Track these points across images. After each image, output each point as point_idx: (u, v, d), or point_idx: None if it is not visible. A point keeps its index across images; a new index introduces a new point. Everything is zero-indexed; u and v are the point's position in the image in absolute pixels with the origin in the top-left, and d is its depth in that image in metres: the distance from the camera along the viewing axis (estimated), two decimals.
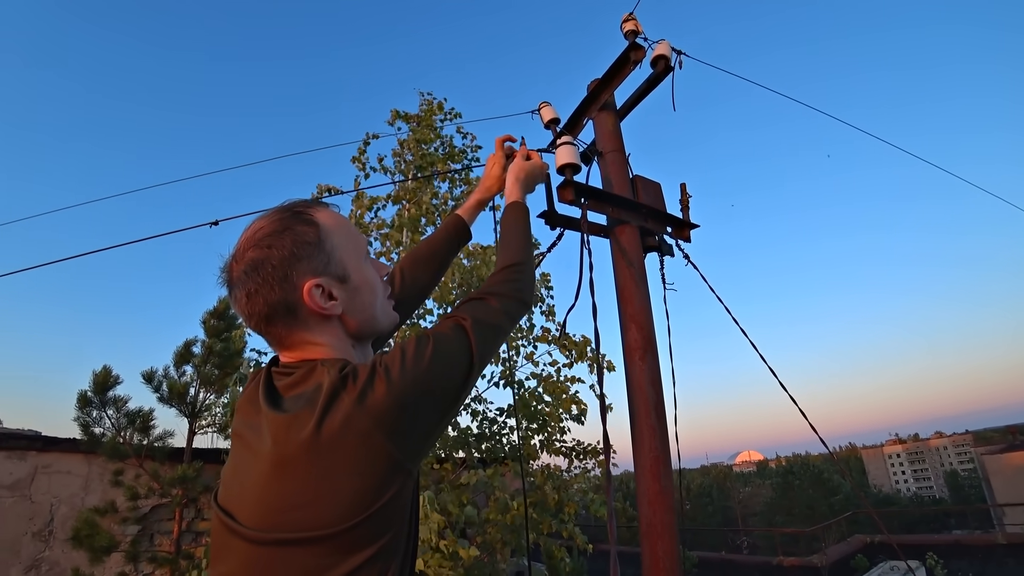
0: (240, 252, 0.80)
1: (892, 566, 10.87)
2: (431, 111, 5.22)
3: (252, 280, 0.77)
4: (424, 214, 4.62)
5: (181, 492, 4.63)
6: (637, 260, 1.78)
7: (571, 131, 2.17)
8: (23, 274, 2.10)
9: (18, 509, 5.08)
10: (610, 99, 2.16)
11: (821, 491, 33.20)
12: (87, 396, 4.65)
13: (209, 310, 5.11)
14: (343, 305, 0.83)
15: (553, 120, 2.12)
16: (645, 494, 1.57)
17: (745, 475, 62.58)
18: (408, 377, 0.69)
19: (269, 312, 0.78)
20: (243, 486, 0.71)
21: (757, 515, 39.78)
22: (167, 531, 5.11)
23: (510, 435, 4.85)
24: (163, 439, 4.79)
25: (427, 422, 0.71)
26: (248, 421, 0.77)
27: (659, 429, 1.61)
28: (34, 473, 5.21)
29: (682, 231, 2.04)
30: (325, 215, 0.85)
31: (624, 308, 1.72)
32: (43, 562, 4.98)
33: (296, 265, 0.78)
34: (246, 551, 0.67)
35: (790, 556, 14.33)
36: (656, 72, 2.11)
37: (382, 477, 0.66)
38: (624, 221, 1.83)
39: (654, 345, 1.69)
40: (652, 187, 2.02)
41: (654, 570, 1.55)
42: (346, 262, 0.83)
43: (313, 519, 0.63)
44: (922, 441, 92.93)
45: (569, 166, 1.62)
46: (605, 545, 8.47)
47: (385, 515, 0.66)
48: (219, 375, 4.80)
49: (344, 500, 0.63)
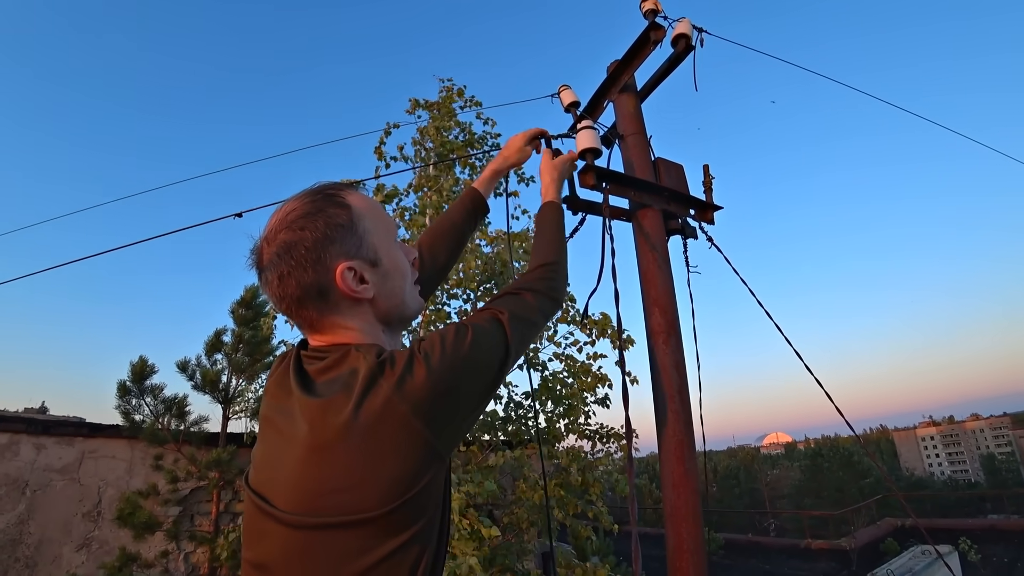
0: (272, 234, 0.79)
1: (924, 550, 10.69)
2: (450, 98, 5.20)
3: (284, 262, 0.77)
4: (446, 200, 4.64)
5: (218, 475, 4.82)
6: (660, 243, 1.77)
7: (591, 114, 2.15)
8: (61, 269, 2.19)
9: (69, 491, 5.35)
10: (630, 80, 2.12)
11: (851, 474, 32.68)
12: (126, 385, 4.86)
13: (237, 300, 5.25)
14: (374, 289, 0.82)
15: (573, 103, 2.10)
16: (669, 477, 1.58)
17: (773, 457, 61.94)
18: (447, 365, 0.70)
19: (301, 295, 0.78)
20: (277, 470, 0.71)
21: (785, 498, 39.43)
22: (206, 512, 5.33)
23: (535, 418, 4.89)
24: (198, 425, 4.99)
25: (463, 410, 0.72)
26: (279, 405, 0.77)
27: (683, 413, 1.61)
28: (81, 458, 5.48)
29: (705, 213, 2.01)
30: (356, 198, 0.85)
31: (647, 292, 1.72)
32: (93, 541, 5.26)
33: (329, 247, 0.78)
34: (283, 535, 0.67)
35: (818, 539, 14.22)
36: (677, 51, 2.06)
37: (419, 463, 0.66)
38: (646, 204, 1.81)
39: (677, 328, 1.69)
40: (674, 169, 1.99)
41: (678, 553, 1.56)
42: (377, 245, 0.83)
43: (351, 503, 0.64)
44: (957, 423, 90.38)
45: (590, 150, 1.61)
46: (629, 526, 8.53)
47: (421, 500, 0.67)
48: (249, 362, 4.95)
49: (382, 485, 0.64)
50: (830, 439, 55.53)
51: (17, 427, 5.56)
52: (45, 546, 5.20)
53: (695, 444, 1.66)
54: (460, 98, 5.32)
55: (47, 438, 5.52)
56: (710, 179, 2.06)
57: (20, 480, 5.35)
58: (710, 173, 2.08)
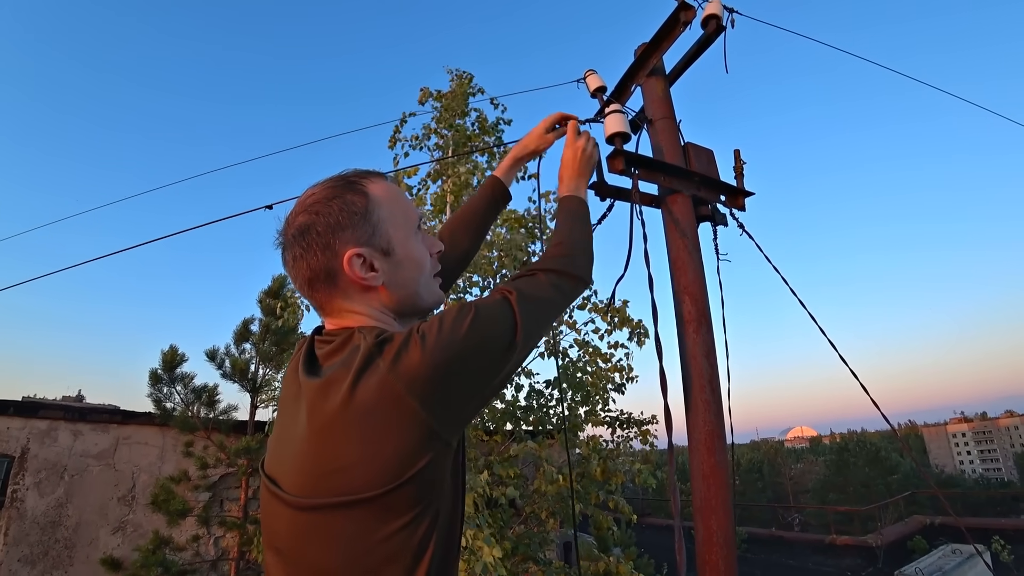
0: (292, 216, 0.82)
1: (954, 549, 10.43)
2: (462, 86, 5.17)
3: (299, 244, 0.79)
4: (464, 187, 4.63)
5: (246, 462, 4.93)
6: (690, 230, 1.73)
7: (618, 98, 2.11)
8: (97, 261, 2.24)
9: (105, 476, 5.55)
10: (659, 64, 2.07)
11: (878, 469, 31.97)
12: (158, 374, 4.99)
13: (264, 289, 5.35)
14: (384, 277, 0.82)
15: (600, 88, 2.05)
16: (699, 469, 1.55)
17: (797, 451, 60.95)
18: (444, 344, 0.68)
19: (311, 276, 0.80)
20: (285, 454, 0.73)
21: (809, 492, 38.78)
22: (235, 498, 5.47)
23: (557, 407, 4.89)
24: (228, 413, 5.10)
25: (464, 392, 0.70)
26: (290, 390, 0.79)
27: (713, 403, 1.58)
28: (116, 444, 5.66)
29: (736, 199, 1.96)
30: (377, 186, 0.85)
31: (677, 279, 1.68)
32: (128, 524, 5.44)
33: (340, 233, 0.79)
34: (290, 517, 0.69)
35: (843, 535, 13.98)
36: (707, 33, 2.00)
37: (416, 443, 0.65)
38: (676, 190, 1.77)
39: (708, 317, 1.65)
40: (704, 154, 1.94)
41: (708, 546, 1.54)
42: (392, 235, 0.83)
43: (349, 483, 0.64)
44: (990, 420, 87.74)
45: (619, 135, 1.58)
46: (649, 519, 8.56)
47: (421, 482, 0.66)
48: (276, 351, 5.03)
49: (378, 465, 0.64)
50: (856, 434, 54.39)
51: (56, 414, 5.77)
52: (83, 528, 5.41)
53: (726, 435, 1.62)
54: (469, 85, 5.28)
55: (84, 425, 5.72)
56: (741, 164, 2.01)
57: (59, 465, 5.56)
58: (741, 158, 2.02)
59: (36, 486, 5.45)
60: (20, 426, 5.66)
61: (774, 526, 19.00)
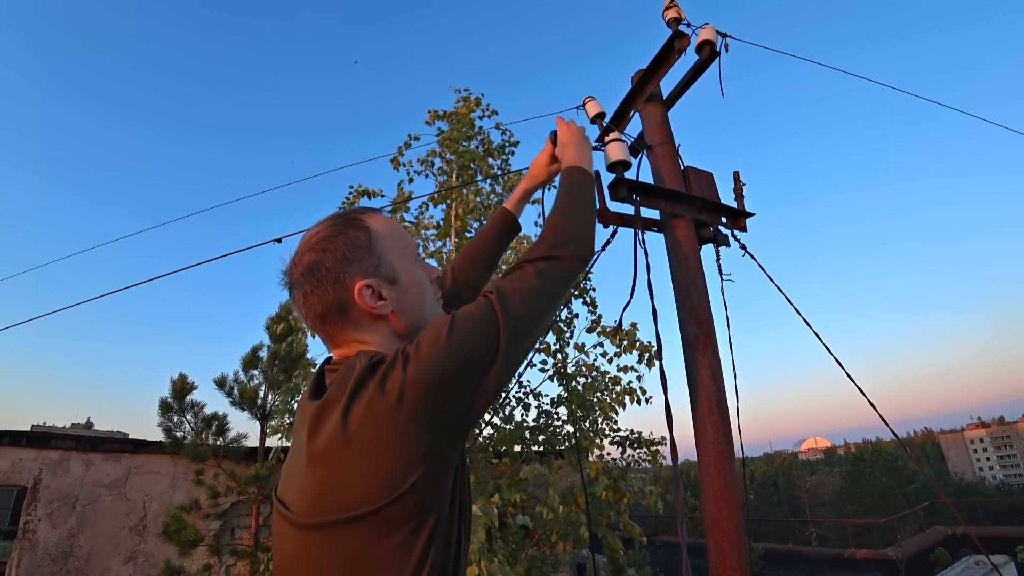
0: (299, 256, 0.86)
1: (978, 560, 10.17)
2: (468, 107, 5.23)
3: (308, 281, 0.83)
4: (469, 211, 4.66)
5: (257, 490, 4.91)
6: (693, 253, 1.75)
7: (618, 124, 2.15)
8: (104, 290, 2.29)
9: (116, 506, 5.55)
10: (656, 90, 2.12)
11: (896, 479, 31.40)
12: (168, 403, 5.01)
13: (272, 316, 5.39)
14: (392, 305, 0.86)
15: (599, 115, 2.10)
16: (710, 491, 1.55)
17: (812, 463, 59.98)
18: (426, 359, 0.69)
19: (323, 311, 0.83)
20: (293, 477, 0.76)
21: (825, 505, 38.08)
22: (245, 526, 5.45)
23: (565, 427, 4.87)
24: (238, 441, 5.10)
25: (453, 402, 0.71)
26: (301, 417, 0.82)
27: (722, 425, 1.58)
28: (128, 473, 5.68)
29: (737, 221, 1.98)
30: (376, 220, 0.89)
31: (682, 302, 1.70)
32: (139, 554, 5.43)
33: (348, 267, 0.83)
34: (295, 537, 0.72)
35: (863, 548, 13.69)
36: (702, 58, 2.05)
37: (408, 459, 0.67)
38: (678, 214, 1.80)
39: (714, 339, 1.66)
40: (704, 177, 1.98)
41: (720, 568, 1.53)
42: (396, 264, 0.87)
43: (347, 501, 0.67)
44: (1009, 424, 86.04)
45: (620, 163, 1.61)
46: (663, 536, 8.41)
47: (417, 497, 0.67)
48: (285, 378, 5.05)
49: (373, 481, 0.66)
50: (871, 443, 53.55)
51: (67, 444, 5.80)
52: (95, 559, 5.39)
53: (735, 456, 1.63)
54: (477, 107, 5.34)
55: (95, 455, 5.75)
56: (741, 186, 2.04)
57: (71, 495, 5.57)
58: (740, 180, 2.05)
59: (48, 517, 5.45)
60: (33, 456, 5.69)
61: (791, 541, 18.64)
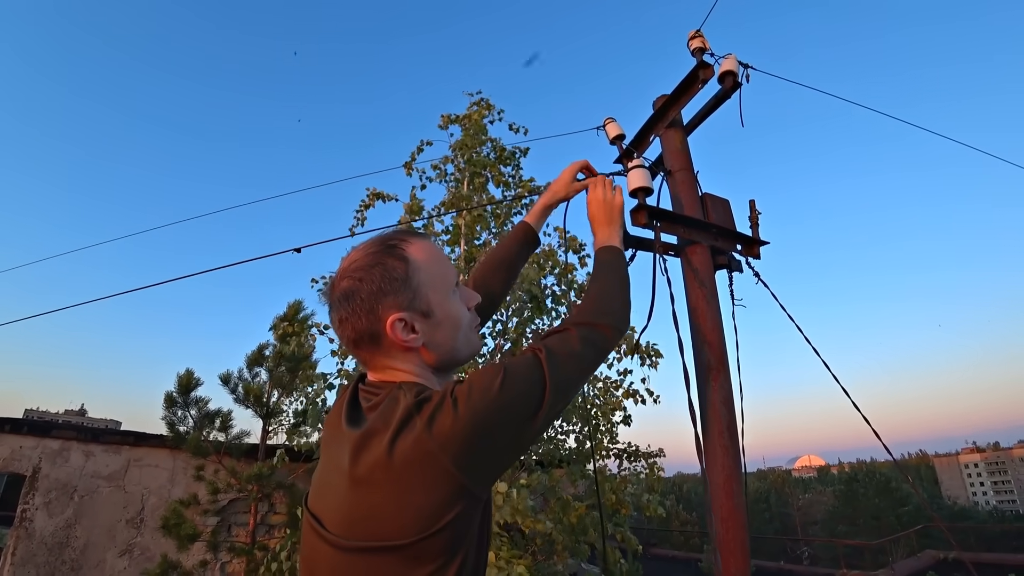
0: (337, 280, 0.88)
1: None
2: (480, 112, 5.27)
3: (344, 308, 0.85)
4: (478, 220, 4.70)
5: (256, 488, 4.94)
6: (708, 280, 1.79)
7: (638, 147, 2.19)
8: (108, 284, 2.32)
9: (114, 498, 5.56)
10: (677, 116, 2.16)
11: (888, 501, 31.35)
12: (173, 397, 5.04)
13: (279, 315, 5.42)
14: (424, 338, 0.88)
15: (619, 136, 2.14)
16: (718, 512, 1.59)
17: (805, 481, 59.86)
18: (475, 406, 0.72)
19: (356, 338, 0.87)
20: (328, 495, 0.79)
21: (818, 524, 37.99)
22: (243, 523, 5.46)
23: (566, 439, 4.90)
24: (240, 438, 5.13)
25: (495, 450, 0.75)
26: (334, 433, 0.85)
27: (732, 448, 1.62)
28: (127, 466, 5.69)
29: (752, 248, 2.02)
30: (417, 249, 0.90)
31: (696, 328, 1.74)
32: (135, 547, 5.43)
33: (383, 299, 0.84)
34: (331, 555, 0.74)
35: (854, 569, 13.64)
36: (724, 89, 2.10)
37: (447, 498, 0.70)
38: (695, 241, 1.84)
39: (726, 365, 1.70)
40: (721, 204, 2.02)
41: None
42: (431, 298, 0.88)
43: (384, 531, 0.70)
44: (1003, 450, 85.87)
45: (642, 189, 1.66)
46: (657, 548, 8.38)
47: (450, 533, 0.71)
48: (290, 378, 5.09)
49: (410, 515, 0.69)
50: (865, 463, 53.43)
51: (68, 434, 5.81)
52: (90, 550, 5.40)
53: (742, 479, 1.66)
54: (490, 111, 5.37)
55: (96, 445, 5.76)
56: (756, 214, 2.08)
57: (69, 485, 5.58)
58: (756, 208, 2.10)
59: (46, 506, 5.46)
60: (33, 445, 5.70)
61: (782, 559, 18.57)
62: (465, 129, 5.21)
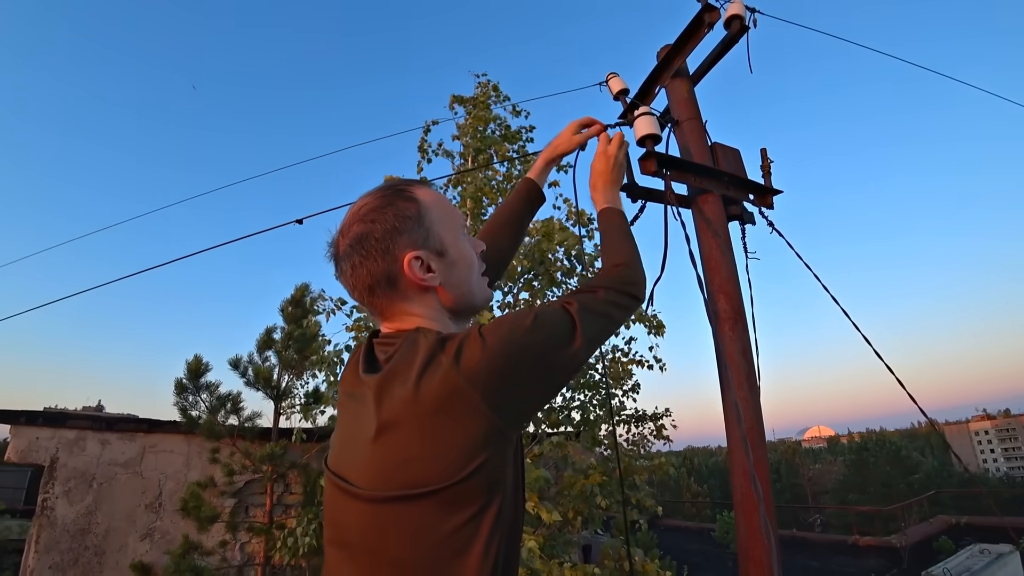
0: (346, 227, 0.85)
1: (982, 549, 10.21)
2: (486, 93, 5.26)
3: (357, 252, 0.83)
4: (485, 193, 4.68)
5: (271, 468, 4.98)
6: (722, 229, 1.74)
7: (643, 100, 2.13)
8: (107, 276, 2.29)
9: (132, 484, 5.63)
10: (683, 65, 2.09)
11: (899, 469, 31.47)
12: (183, 383, 5.06)
13: (287, 298, 5.41)
14: (440, 277, 0.86)
15: (622, 91, 2.08)
16: (740, 465, 1.56)
17: (815, 451, 60.10)
18: (504, 343, 0.70)
19: (372, 283, 0.83)
20: (352, 450, 0.76)
21: (828, 493, 38.23)
22: (260, 504, 5.52)
23: (577, 408, 4.91)
24: (252, 420, 5.15)
25: (524, 389, 0.73)
26: (351, 391, 0.82)
27: (752, 400, 1.59)
28: (143, 452, 5.75)
29: (765, 198, 1.97)
30: (424, 192, 0.89)
31: (711, 278, 1.69)
32: (156, 531, 5.52)
33: (397, 238, 0.82)
34: (360, 510, 0.71)
35: (866, 535, 13.76)
36: (731, 33, 2.02)
37: (480, 437, 0.68)
38: (706, 190, 1.79)
39: (743, 314, 1.66)
40: (732, 154, 1.96)
41: (751, 540, 1.54)
42: (444, 236, 0.87)
43: (418, 476, 0.67)
44: (1014, 417, 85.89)
45: (650, 137, 1.60)
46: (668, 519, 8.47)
47: (485, 475, 0.68)
48: (299, 359, 5.09)
49: (444, 458, 0.67)
50: (875, 433, 53.56)
51: (83, 424, 5.87)
52: (112, 535, 5.49)
53: (764, 432, 1.63)
54: (496, 93, 5.35)
55: (111, 434, 5.81)
56: (768, 163, 2.02)
57: (88, 474, 5.65)
58: (768, 157, 2.03)
59: (66, 495, 5.54)
60: (49, 436, 5.76)
61: (795, 527, 18.76)
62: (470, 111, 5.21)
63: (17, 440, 5.72)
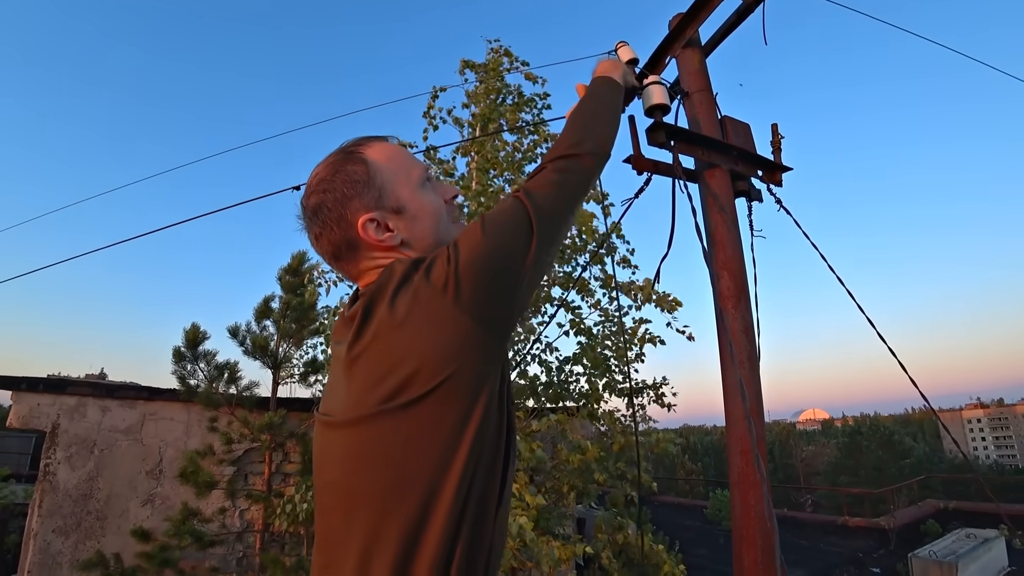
0: (305, 199, 0.87)
1: (968, 533, 10.38)
2: (498, 60, 5.10)
3: (316, 223, 0.85)
4: (492, 165, 4.59)
5: (269, 437, 5.02)
6: (729, 205, 1.70)
7: (652, 70, 2.06)
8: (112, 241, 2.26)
9: (133, 451, 5.69)
10: (695, 35, 2.02)
11: (890, 453, 31.84)
12: (181, 351, 5.07)
13: (284, 267, 5.39)
14: (403, 234, 0.86)
15: (632, 60, 2.01)
16: (738, 444, 1.55)
17: (809, 433, 60.83)
18: (466, 250, 0.71)
19: (334, 251, 0.85)
20: (337, 387, 0.77)
21: (820, 475, 38.82)
22: (259, 472, 5.59)
23: (577, 382, 4.90)
24: (250, 389, 5.18)
25: (496, 288, 0.72)
26: (339, 339, 0.82)
27: (753, 379, 1.57)
28: (143, 420, 5.80)
29: (773, 175, 1.92)
30: (376, 150, 0.88)
31: (716, 255, 1.66)
32: (156, 496, 5.59)
33: (348, 204, 0.83)
34: (341, 439, 0.72)
35: (855, 517, 14.00)
36: (746, 2, 1.95)
37: (455, 345, 0.68)
38: (714, 164, 1.74)
39: (747, 292, 1.63)
40: (741, 128, 1.90)
41: (745, 519, 1.54)
42: (400, 193, 0.86)
43: (394, 389, 0.67)
44: (1007, 407, 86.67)
45: (659, 107, 1.55)
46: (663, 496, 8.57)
47: (467, 384, 0.68)
48: (296, 328, 5.09)
49: (421, 365, 0.67)
50: (869, 417, 54.11)
51: (84, 391, 5.90)
52: (113, 501, 5.57)
53: (763, 411, 1.62)
54: (509, 59, 5.19)
55: (111, 401, 5.85)
56: (779, 139, 1.97)
57: (89, 440, 5.71)
58: (779, 132, 1.98)
59: (67, 460, 5.60)
60: (50, 402, 5.80)
61: (786, 507, 19.08)
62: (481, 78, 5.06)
63: (18, 406, 5.75)
